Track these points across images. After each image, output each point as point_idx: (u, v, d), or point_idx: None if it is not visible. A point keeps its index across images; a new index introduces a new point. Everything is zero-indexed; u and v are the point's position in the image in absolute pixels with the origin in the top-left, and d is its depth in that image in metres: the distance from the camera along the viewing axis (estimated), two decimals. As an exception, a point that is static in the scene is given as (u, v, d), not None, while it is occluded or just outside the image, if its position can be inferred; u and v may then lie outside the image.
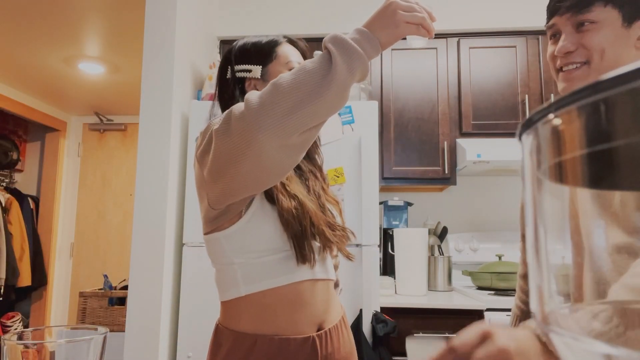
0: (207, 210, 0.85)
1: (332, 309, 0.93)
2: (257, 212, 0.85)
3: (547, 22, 0.87)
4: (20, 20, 2.62)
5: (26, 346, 0.46)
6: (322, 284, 0.91)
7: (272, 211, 0.86)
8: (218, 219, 0.85)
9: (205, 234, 0.88)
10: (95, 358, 0.48)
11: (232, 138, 0.71)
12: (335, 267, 1.04)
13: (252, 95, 0.71)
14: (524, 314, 1.09)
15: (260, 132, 0.68)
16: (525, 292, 1.12)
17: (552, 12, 0.85)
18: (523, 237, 1.14)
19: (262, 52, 1.00)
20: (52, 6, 2.46)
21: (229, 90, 1.00)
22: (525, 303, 1.09)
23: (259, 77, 0.99)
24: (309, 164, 1.03)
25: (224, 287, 0.87)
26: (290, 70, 0.94)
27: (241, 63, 1.01)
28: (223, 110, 1.00)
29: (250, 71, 0.99)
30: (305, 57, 1.03)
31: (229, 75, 1.01)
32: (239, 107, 0.72)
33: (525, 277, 1.14)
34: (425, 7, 0.78)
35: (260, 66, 1.00)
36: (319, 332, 0.87)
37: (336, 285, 1.06)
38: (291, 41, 1.04)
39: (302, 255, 0.85)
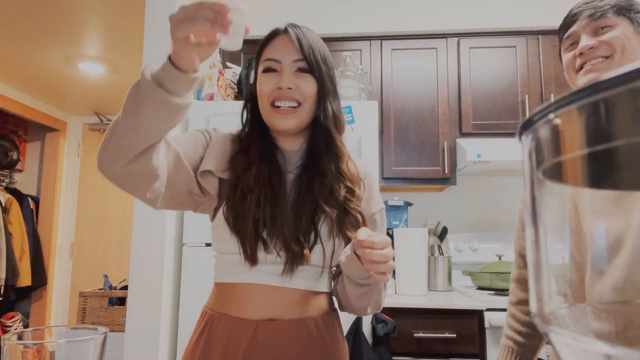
0: None
1: (295, 309, 0.88)
2: (221, 215, 0.90)
3: (565, 33, 0.93)
4: (21, 20, 2.62)
5: (26, 346, 0.46)
6: (284, 290, 0.88)
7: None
8: (196, 211, 0.96)
9: None
10: (95, 358, 0.48)
11: None
12: None
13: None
14: (522, 348, 1.00)
15: (98, 161, 0.76)
16: (520, 320, 1.02)
17: (569, 23, 0.92)
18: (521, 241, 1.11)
19: (258, 50, 0.95)
20: (52, 6, 2.46)
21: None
22: (521, 334, 1.01)
23: (253, 82, 0.96)
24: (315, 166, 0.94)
25: None
26: (264, 70, 0.91)
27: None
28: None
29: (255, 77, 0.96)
30: (301, 45, 0.90)
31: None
32: None
33: (521, 281, 1.05)
34: (215, 3, 0.65)
35: (254, 70, 0.96)
36: (264, 320, 0.86)
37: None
38: (287, 30, 0.92)
39: (245, 253, 0.86)
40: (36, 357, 0.46)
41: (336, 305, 0.99)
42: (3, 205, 3.63)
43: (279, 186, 0.91)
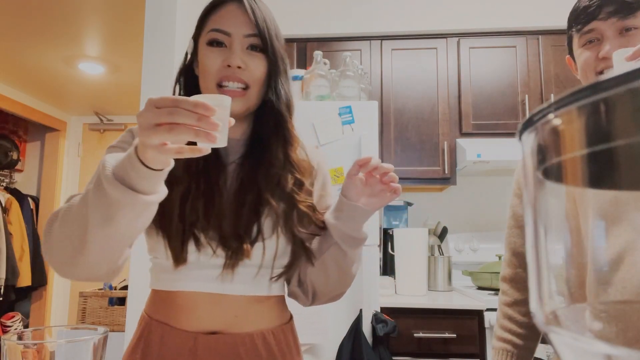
0: None
1: (240, 321, 0.78)
2: None
3: (583, 27, 0.83)
4: (21, 20, 2.62)
5: (26, 346, 0.46)
6: (225, 298, 0.78)
7: None
8: None
9: None
10: (95, 358, 0.48)
11: None
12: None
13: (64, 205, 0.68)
14: (520, 350, 0.96)
15: (57, 269, 0.68)
16: (517, 322, 0.98)
17: (590, 16, 0.82)
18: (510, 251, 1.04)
19: (202, 17, 0.82)
20: (52, 6, 2.46)
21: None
22: (520, 336, 0.97)
23: (191, 54, 0.85)
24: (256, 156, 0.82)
25: None
26: (209, 42, 0.79)
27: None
28: None
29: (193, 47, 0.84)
30: (255, 18, 0.78)
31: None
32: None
33: (517, 281, 1.01)
34: (197, 104, 0.53)
35: (193, 40, 0.84)
36: (205, 333, 0.76)
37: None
38: None
39: (172, 253, 0.76)
40: (36, 357, 0.46)
41: (300, 305, 0.89)
42: (3, 205, 3.63)
43: (216, 176, 0.80)
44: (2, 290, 3.41)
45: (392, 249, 2.36)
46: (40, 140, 4.25)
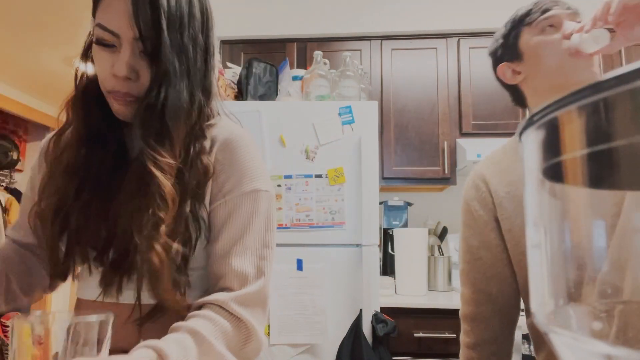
0: None
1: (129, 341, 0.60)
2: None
3: (542, 15, 0.90)
4: (21, 21, 2.62)
5: (34, 326, 0.47)
6: (128, 308, 0.66)
7: None
8: None
9: None
10: (101, 339, 0.49)
11: None
12: None
13: None
14: None
15: None
16: None
17: (548, 7, 0.90)
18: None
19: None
20: (52, 6, 2.46)
21: None
22: None
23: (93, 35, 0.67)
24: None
25: None
26: (97, 40, 0.66)
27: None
28: None
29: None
30: (138, 17, 0.61)
31: None
32: None
33: (475, 320, 0.90)
34: None
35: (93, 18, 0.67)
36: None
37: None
38: None
39: (51, 268, 0.68)
40: (43, 337, 0.46)
41: None
42: (3, 205, 3.63)
43: (105, 174, 0.67)
44: (2, 290, 3.41)
45: (392, 249, 2.36)
46: (40, 140, 4.25)
